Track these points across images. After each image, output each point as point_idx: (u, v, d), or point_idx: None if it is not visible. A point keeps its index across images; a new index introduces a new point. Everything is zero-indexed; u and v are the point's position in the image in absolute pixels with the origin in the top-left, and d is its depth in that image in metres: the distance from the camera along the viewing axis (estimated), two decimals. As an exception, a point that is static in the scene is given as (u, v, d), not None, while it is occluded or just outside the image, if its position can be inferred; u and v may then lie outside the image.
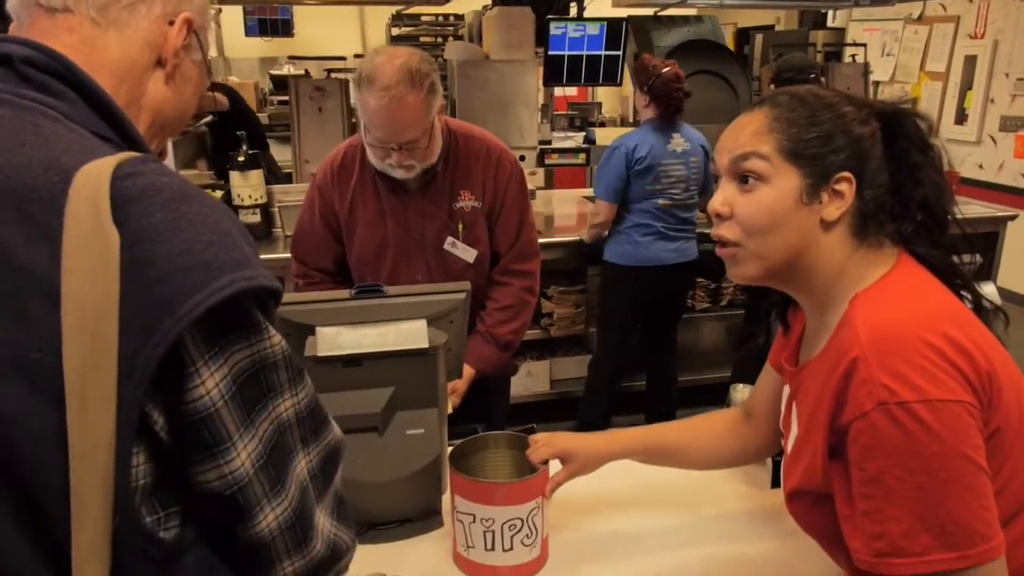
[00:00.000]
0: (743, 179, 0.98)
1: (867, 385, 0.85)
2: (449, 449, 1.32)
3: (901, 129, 0.99)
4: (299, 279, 2.00)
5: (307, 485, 0.72)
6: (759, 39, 5.29)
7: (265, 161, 3.73)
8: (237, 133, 3.26)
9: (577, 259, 3.51)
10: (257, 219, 3.20)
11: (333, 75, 4.85)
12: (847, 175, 0.95)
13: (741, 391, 1.58)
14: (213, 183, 3.57)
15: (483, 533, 1.19)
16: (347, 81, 3.77)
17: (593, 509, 1.39)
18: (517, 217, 1.96)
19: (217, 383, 0.62)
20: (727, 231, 1.00)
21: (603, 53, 4.10)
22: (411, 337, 1.27)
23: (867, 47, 5.43)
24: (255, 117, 4.51)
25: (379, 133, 1.71)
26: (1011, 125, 5.52)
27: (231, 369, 0.63)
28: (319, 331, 1.26)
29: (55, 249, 0.58)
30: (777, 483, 1.41)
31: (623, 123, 6.68)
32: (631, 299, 3.25)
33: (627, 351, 3.38)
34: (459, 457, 1.28)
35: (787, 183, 0.96)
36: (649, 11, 4.62)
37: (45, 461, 0.58)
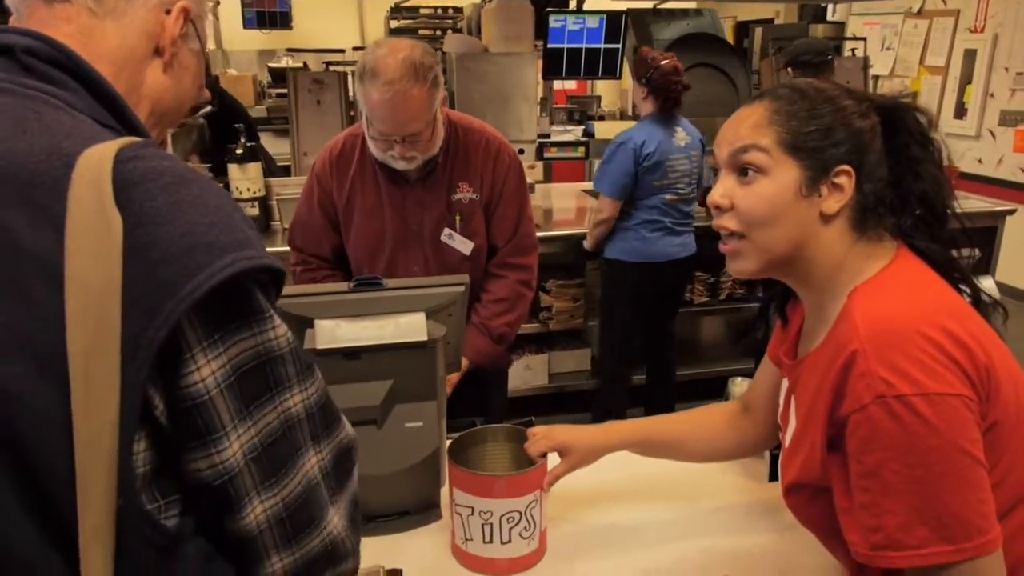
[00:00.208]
0: (743, 171, 0.98)
1: (865, 378, 0.85)
2: (448, 442, 1.32)
3: (901, 123, 0.99)
4: (296, 266, 2.00)
5: (317, 482, 0.71)
6: (759, 32, 5.26)
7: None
8: (236, 126, 3.24)
9: (576, 253, 3.51)
10: (255, 212, 3.17)
11: (332, 68, 4.82)
12: (846, 168, 0.95)
13: (739, 384, 1.59)
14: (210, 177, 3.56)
15: (481, 526, 1.20)
16: (346, 74, 3.75)
17: (591, 502, 1.40)
18: (515, 210, 1.95)
19: (213, 371, 0.62)
20: (728, 221, 1.00)
21: (602, 46, 4.08)
22: (410, 330, 1.27)
23: (867, 41, 5.43)
24: (242, 108, 4.48)
25: (382, 126, 1.70)
26: (1010, 119, 5.51)
27: (231, 359, 0.63)
28: (318, 324, 1.26)
29: (59, 233, 0.59)
30: (775, 476, 1.41)
31: (622, 117, 6.68)
32: (636, 295, 3.23)
33: (631, 346, 3.38)
34: (458, 450, 1.29)
35: (787, 175, 0.96)
36: (649, 4, 4.62)
37: (50, 443, 0.58)
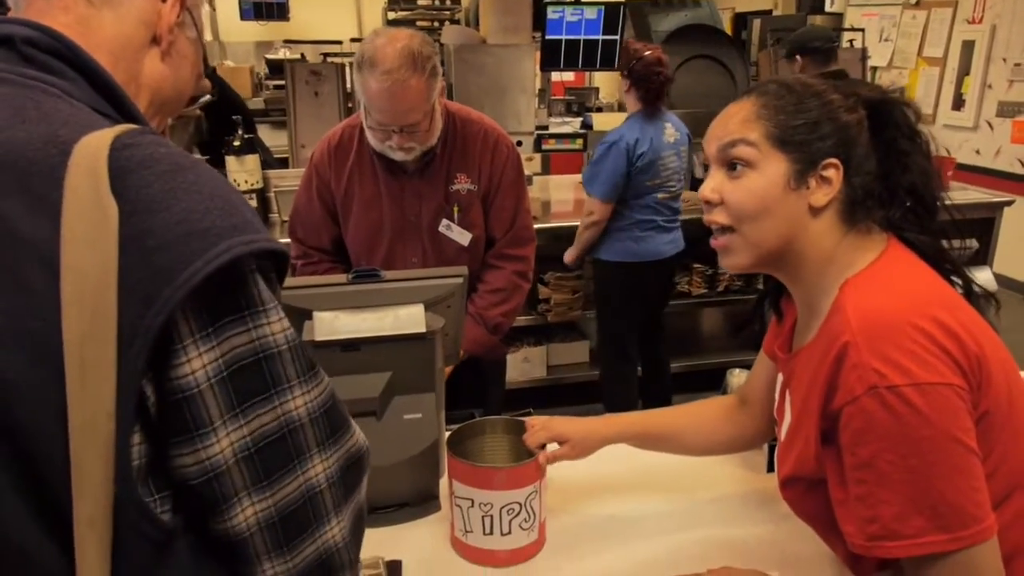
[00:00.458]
0: (731, 166, 0.99)
1: (858, 370, 0.86)
2: (447, 434, 1.33)
3: (888, 117, 0.99)
4: (297, 260, 2.00)
5: (320, 491, 0.69)
6: (757, 24, 5.26)
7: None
8: (233, 118, 3.24)
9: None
10: (254, 204, 3.16)
11: (329, 59, 4.79)
12: (834, 161, 0.96)
13: (738, 375, 1.59)
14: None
15: (481, 517, 1.20)
16: (343, 66, 3.73)
17: (590, 493, 1.40)
18: (513, 202, 1.95)
19: (204, 365, 0.61)
20: (719, 216, 1.01)
21: (601, 38, 4.06)
22: (409, 322, 1.28)
23: (865, 32, 5.41)
24: (240, 100, 4.46)
25: (380, 116, 1.70)
26: (1008, 111, 5.51)
27: (224, 354, 0.63)
28: (316, 316, 1.26)
29: (55, 221, 0.59)
30: (772, 467, 1.42)
31: (620, 108, 6.65)
32: (631, 295, 3.20)
33: (630, 342, 3.34)
34: (457, 442, 1.29)
35: (775, 169, 0.96)
36: (647, -5, 4.61)
37: (46, 431, 0.58)
